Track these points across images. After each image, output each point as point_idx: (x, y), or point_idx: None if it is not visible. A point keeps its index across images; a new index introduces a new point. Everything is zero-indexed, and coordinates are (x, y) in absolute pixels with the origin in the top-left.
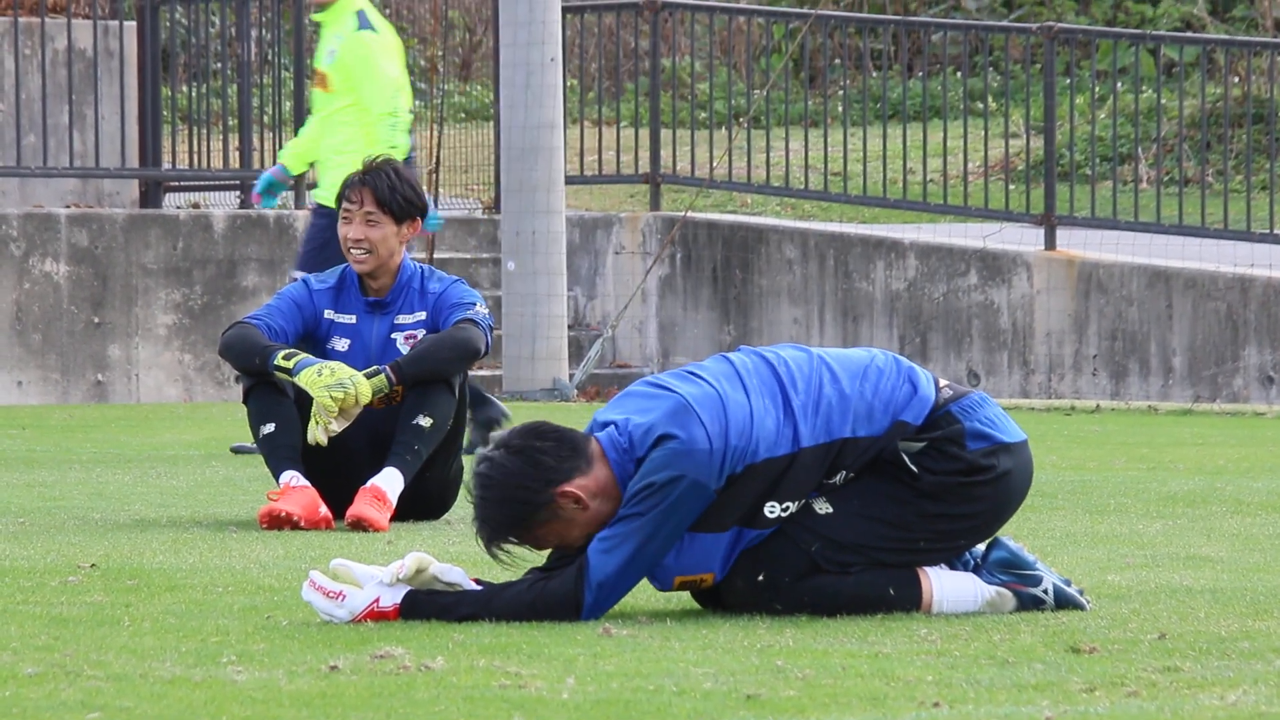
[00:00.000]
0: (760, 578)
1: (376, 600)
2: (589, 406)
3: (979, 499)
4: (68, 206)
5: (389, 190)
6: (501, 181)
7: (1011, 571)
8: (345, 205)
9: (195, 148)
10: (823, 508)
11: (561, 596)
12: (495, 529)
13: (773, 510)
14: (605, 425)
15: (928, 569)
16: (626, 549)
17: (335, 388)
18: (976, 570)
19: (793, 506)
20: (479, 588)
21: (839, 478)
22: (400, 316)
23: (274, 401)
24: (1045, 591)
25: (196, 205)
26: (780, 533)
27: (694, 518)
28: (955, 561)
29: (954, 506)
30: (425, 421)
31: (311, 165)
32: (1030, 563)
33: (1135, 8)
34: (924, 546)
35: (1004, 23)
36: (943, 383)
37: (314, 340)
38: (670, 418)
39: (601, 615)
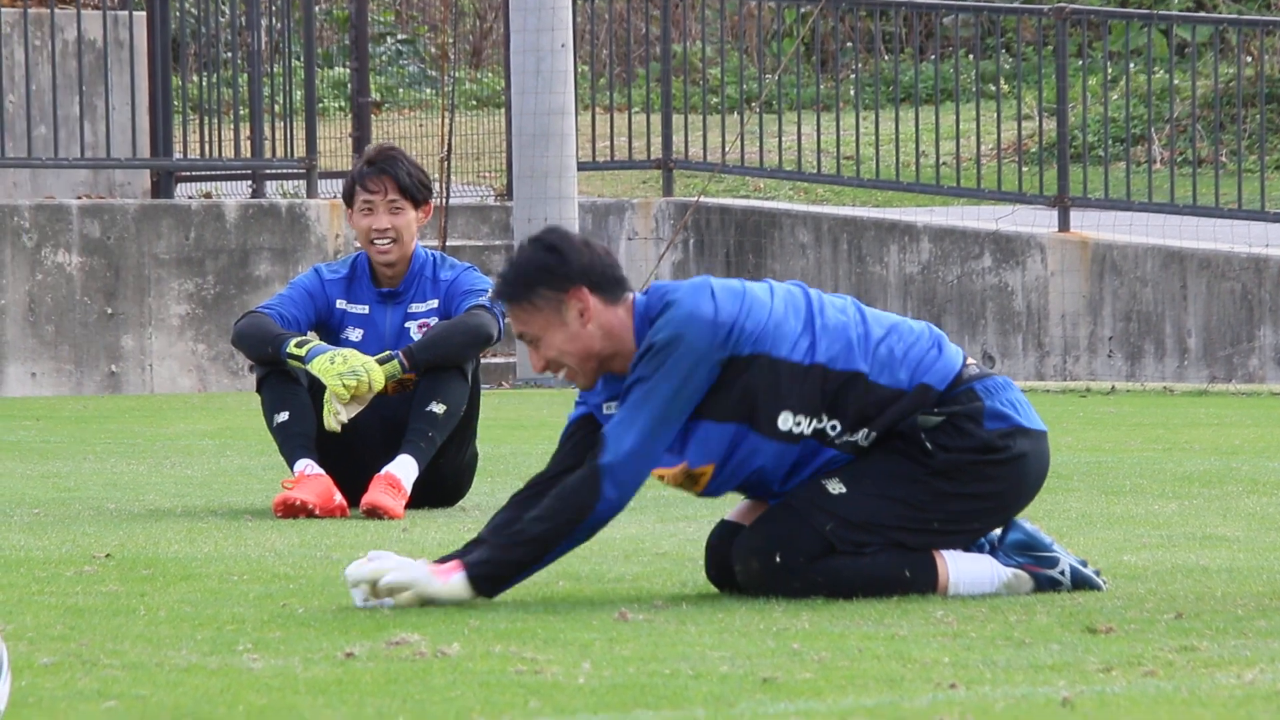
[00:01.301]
0: (776, 559)
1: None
2: None
3: (991, 479)
4: (79, 197)
5: (407, 176)
6: (513, 168)
7: (1028, 553)
8: (365, 196)
9: (206, 137)
10: (836, 487)
11: (581, 480)
12: (511, 274)
13: (785, 422)
14: None
15: (943, 551)
16: (642, 419)
17: (348, 375)
18: (993, 552)
19: (806, 426)
20: (449, 563)
21: (861, 435)
22: (413, 305)
23: (287, 390)
24: (1062, 573)
25: (208, 195)
26: (795, 513)
27: (702, 386)
28: (971, 545)
29: (966, 486)
30: (439, 408)
31: None
32: (1047, 544)
33: None
34: (938, 527)
35: (1016, 4)
36: (970, 360)
37: (327, 330)
38: (688, 289)
39: (628, 499)
